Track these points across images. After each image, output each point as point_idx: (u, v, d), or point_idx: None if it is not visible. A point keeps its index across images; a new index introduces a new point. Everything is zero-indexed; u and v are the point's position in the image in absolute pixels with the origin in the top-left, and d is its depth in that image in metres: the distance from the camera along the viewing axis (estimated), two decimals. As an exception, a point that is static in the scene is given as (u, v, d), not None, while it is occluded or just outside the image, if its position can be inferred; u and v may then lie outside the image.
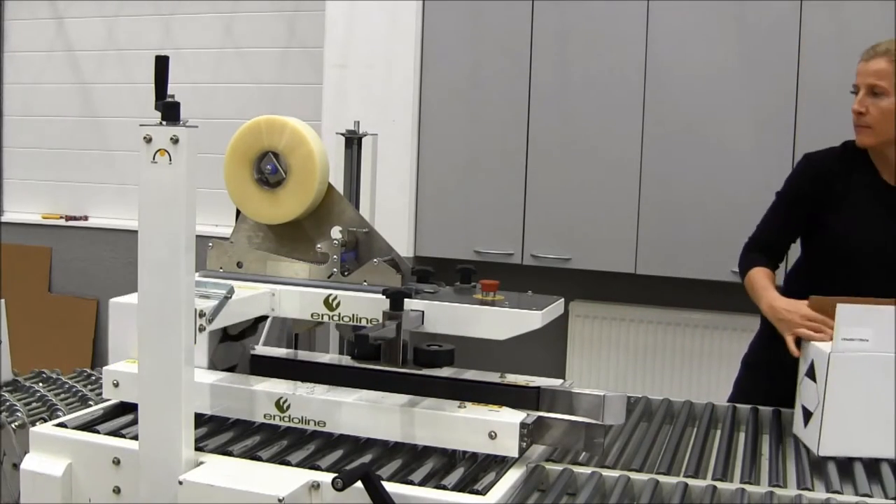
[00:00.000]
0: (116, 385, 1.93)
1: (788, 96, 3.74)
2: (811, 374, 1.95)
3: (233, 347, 2.02)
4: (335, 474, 1.51)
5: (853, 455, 1.86)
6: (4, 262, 5.18)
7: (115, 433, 1.81)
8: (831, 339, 1.93)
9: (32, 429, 1.83)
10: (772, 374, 2.40)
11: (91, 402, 2.17)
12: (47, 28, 5.37)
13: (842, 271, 2.32)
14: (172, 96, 1.62)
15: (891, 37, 3.47)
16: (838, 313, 1.89)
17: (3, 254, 5.22)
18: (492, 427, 1.70)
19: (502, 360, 2.85)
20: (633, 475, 1.73)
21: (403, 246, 4.23)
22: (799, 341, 2.07)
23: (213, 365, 1.96)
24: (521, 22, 4.08)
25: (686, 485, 1.69)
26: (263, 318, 1.96)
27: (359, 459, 1.72)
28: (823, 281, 2.33)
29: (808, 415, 1.95)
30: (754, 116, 3.80)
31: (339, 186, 2.37)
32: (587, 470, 1.75)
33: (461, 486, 1.61)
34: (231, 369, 2.01)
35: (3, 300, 2.40)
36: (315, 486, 1.59)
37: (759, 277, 2.32)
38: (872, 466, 1.86)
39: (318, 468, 1.66)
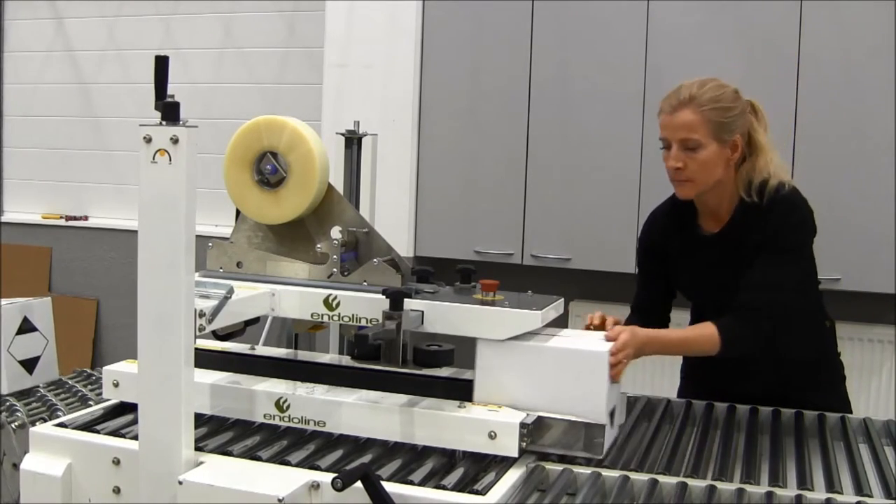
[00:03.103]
0: (116, 385, 1.93)
1: (788, 97, 3.73)
2: None
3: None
4: (335, 474, 1.51)
5: None
6: (4, 262, 5.18)
7: (115, 433, 1.81)
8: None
9: (32, 429, 1.83)
10: (705, 382, 2.39)
11: (91, 402, 2.17)
12: (47, 28, 5.37)
13: (703, 316, 2.27)
14: (172, 96, 1.62)
15: (890, 37, 3.48)
16: None
17: (3, 254, 5.22)
18: (492, 427, 1.70)
19: (502, 360, 2.84)
20: (633, 475, 1.73)
21: (403, 246, 4.23)
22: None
23: None
24: (521, 22, 4.08)
25: (685, 485, 1.69)
26: (254, 321, 1.95)
27: (359, 459, 1.72)
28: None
29: None
30: (754, 116, 3.80)
31: (339, 186, 2.37)
32: (587, 470, 1.75)
33: (461, 486, 1.61)
34: None
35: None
36: (315, 486, 1.59)
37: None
38: (872, 465, 1.86)
39: (318, 468, 1.66)
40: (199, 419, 1.81)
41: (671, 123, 2.16)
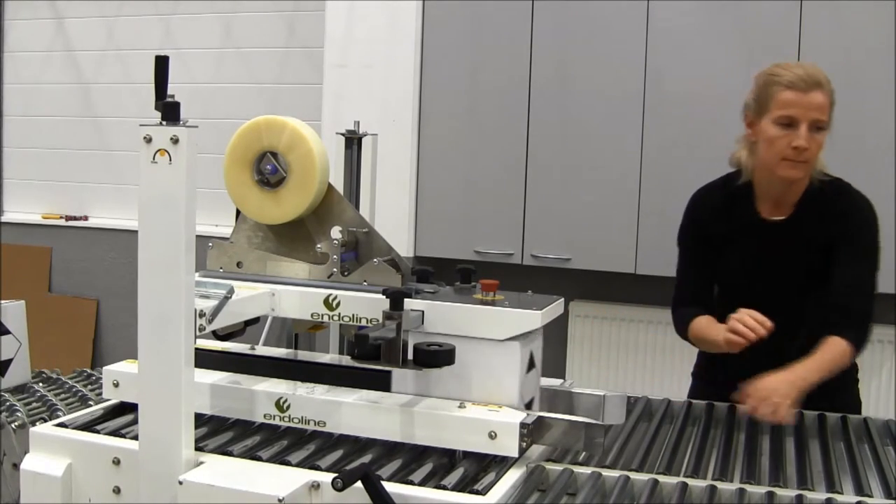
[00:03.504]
0: (116, 385, 1.93)
1: (788, 96, 3.73)
2: None
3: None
4: (335, 474, 1.51)
5: None
6: (4, 262, 5.18)
7: (115, 433, 1.81)
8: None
9: (32, 429, 1.83)
10: (720, 383, 2.38)
11: (91, 402, 2.17)
12: (47, 28, 5.37)
13: (739, 306, 2.19)
14: (172, 96, 1.62)
15: (889, 37, 3.48)
16: None
17: (3, 254, 5.23)
18: (492, 427, 1.70)
19: (502, 360, 2.84)
20: (633, 475, 1.73)
21: (403, 246, 4.23)
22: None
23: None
24: (521, 22, 4.08)
25: (685, 485, 1.69)
26: (254, 321, 1.95)
27: (359, 459, 1.72)
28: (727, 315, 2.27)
29: None
30: (754, 116, 3.80)
31: (339, 186, 2.37)
32: (587, 470, 1.75)
33: (461, 486, 1.61)
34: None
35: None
36: (315, 486, 1.59)
37: (702, 322, 2.25)
38: (872, 465, 1.86)
39: (318, 468, 1.66)
40: (199, 419, 1.80)
41: (805, 102, 2.10)
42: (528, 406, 1.82)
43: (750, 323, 2.00)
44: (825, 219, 2.17)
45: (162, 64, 1.67)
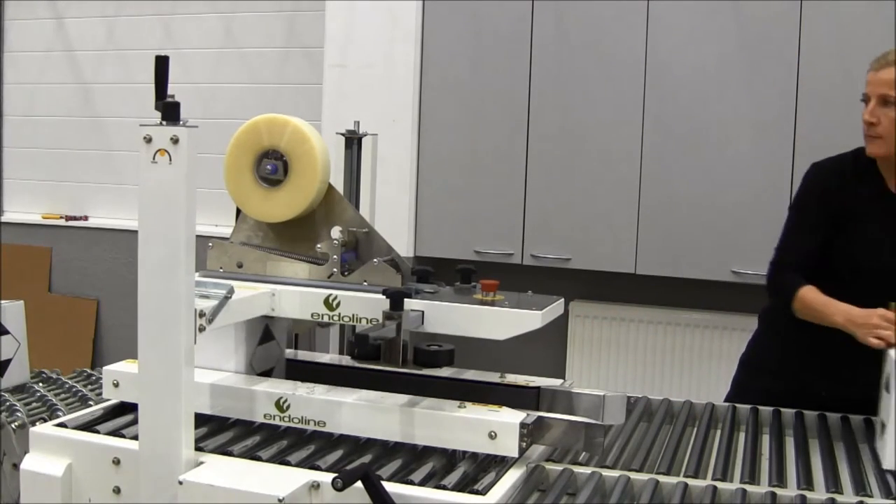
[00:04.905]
0: (116, 385, 1.93)
1: (788, 96, 3.74)
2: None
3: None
4: (335, 474, 1.51)
5: None
6: (4, 262, 5.18)
7: (115, 433, 1.81)
8: None
9: (32, 429, 1.83)
10: (770, 374, 2.40)
11: (91, 402, 2.17)
12: (47, 28, 5.37)
13: (851, 289, 2.24)
14: (172, 96, 1.62)
15: (890, 37, 3.48)
16: None
17: (3, 254, 5.22)
18: (492, 427, 1.70)
19: (502, 360, 2.85)
20: (633, 475, 1.73)
21: (403, 246, 4.23)
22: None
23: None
24: (521, 22, 4.08)
25: (686, 485, 1.69)
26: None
27: (359, 459, 1.72)
28: (841, 296, 2.24)
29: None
30: (754, 116, 3.80)
31: (339, 186, 2.37)
32: (587, 470, 1.75)
33: (461, 486, 1.61)
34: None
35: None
36: (315, 486, 1.59)
37: (816, 295, 2.24)
38: (872, 465, 1.86)
39: (318, 468, 1.66)
40: (199, 419, 1.80)
41: (874, 79, 2.21)
42: (265, 374, 1.94)
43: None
44: None
45: (162, 64, 1.67)
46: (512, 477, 1.66)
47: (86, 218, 5.36)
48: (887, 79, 2.18)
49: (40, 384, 2.44)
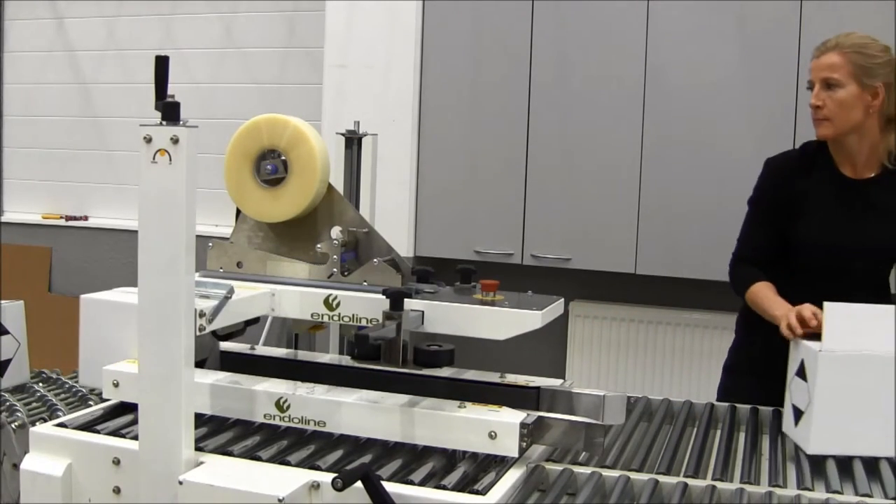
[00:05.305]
0: (116, 385, 1.93)
1: (788, 97, 3.73)
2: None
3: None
4: (335, 474, 1.51)
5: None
6: (4, 262, 5.18)
7: (115, 433, 1.81)
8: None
9: (32, 429, 1.83)
10: (753, 377, 2.41)
11: (91, 402, 2.17)
12: (47, 28, 5.37)
13: (809, 270, 2.35)
14: (172, 96, 1.62)
15: (889, 36, 3.49)
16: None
17: (3, 254, 5.22)
18: (492, 427, 1.70)
19: (502, 360, 2.85)
20: (633, 475, 1.73)
21: (403, 246, 4.23)
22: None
23: None
24: (521, 22, 4.08)
25: (686, 485, 1.69)
26: (254, 321, 1.95)
27: (359, 459, 1.72)
28: (793, 281, 2.36)
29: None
30: (754, 116, 3.80)
31: (339, 186, 2.37)
32: (587, 470, 1.75)
33: (461, 486, 1.61)
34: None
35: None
36: (315, 486, 1.59)
37: (765, 291, 2.33)
38: (871, 465, 1.86)
39: (318, 468, 1.66)
40: (199, 419, 1.80)
41: (816, 65, 2.32)
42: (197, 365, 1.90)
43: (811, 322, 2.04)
44: None
45: (162, 64, 1.67)
46: (512, 477, 1.66)
47: (86, 218, 5.36)
48: (828, 63, 2.28)
49: (40, 384, 2.44)
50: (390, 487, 1.54)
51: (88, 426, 1.84)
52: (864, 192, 2.33)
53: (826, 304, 1.93)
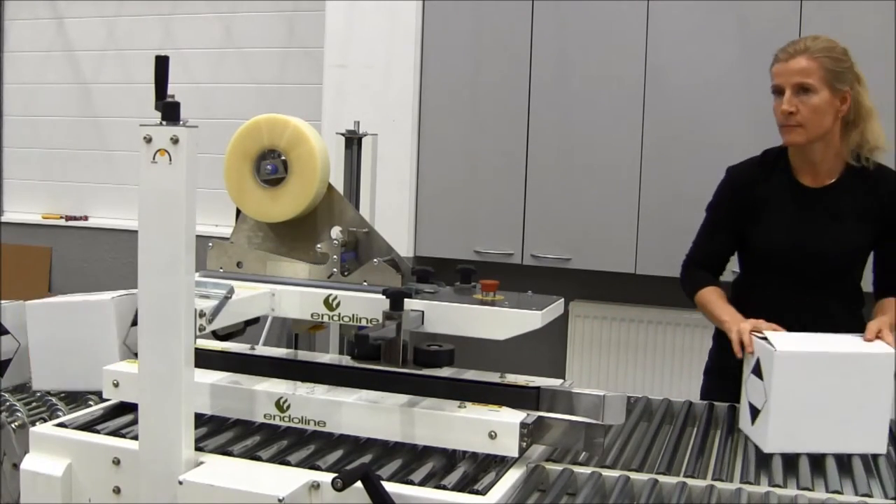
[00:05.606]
0: (116, 385, 1.93)
1: (788, 96, 3.73)
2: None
3: None
4: (335, 474, 1.51)
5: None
6: (4, 262, 5.18)
7: (115, 433, 1.81)
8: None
9: (32, 429, 1.83)
10: (731, 380, 2.40)
11: (91, 402, 2.17)
12: (47, 28, 5.37)
13: (775, 277, 2.35)
14: (172, 96, 1.62)
15: (889, 36, 3.48)
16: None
17: (3, 254, 5.22)
18: (492, 427, 1.70)
19: (502, 360, 2.85)
20: (633, 475, 1.73)
21: (403, 246, 4.23)
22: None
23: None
24: (521, 22, 4.08)
25: (686, 485, 1.69)
26: (254, 321, 1.95)
27: (359, 459, 1.72)
28: (760, 289, 2.38)
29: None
30: (754, 116, 3.79)
31: (339, 186, 2.37)
32: (587, 470, 1.75)
33: (461, 486, 1.61)
34: None
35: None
36: (315, 486, 1.59)
37: (713, 296, 2.36)
38: (868, 463, 1.86)
39: (318, 468, 1.66)
40: (199, 419, 1.80)
41: (786, 69, 2.24)
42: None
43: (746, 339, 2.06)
44: (869, 194, 2.28)
45: (162, 64, 1.67)
46: (512, 477, 1.66)
47: (86, 218, 5.36)
48: (799, 68, 2.22)
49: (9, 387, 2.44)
50: (390, 487, 1.54)
51: (88, 426, 1.84)
52: (824, 200, 2.30)
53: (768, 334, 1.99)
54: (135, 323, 2.22)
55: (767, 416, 1.91)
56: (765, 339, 1.99)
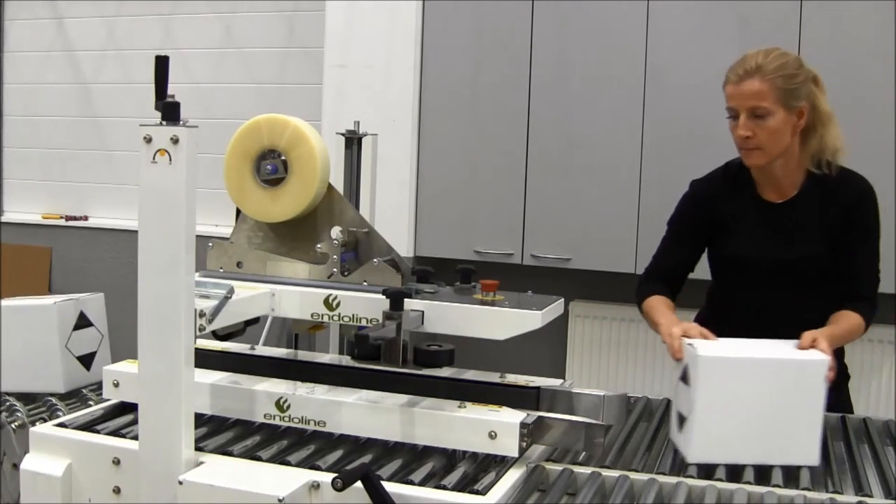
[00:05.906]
0: (116, 385, 1.93)
1: (788, 96, 3.73)
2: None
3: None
4: (335, 474, 1.51)
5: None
6: (4, 262, 5.18)
7: (115, 433, 1.81)
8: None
9: (32, 429, 1.83)
10: None
11: (91, 402, 2.17)
12: (47, 28, 5.37)
13: (748, 286, 2.34)
14: (172, 96, 1.62)
15: (889, 36, 3.47)
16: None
17: (3, 254, 5.22)
18: (492, 427, 1.70)
19: (502, 360, 2.85)
20: (633, 475, 1.73)
21: (403, 246, 4.23)
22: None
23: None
24: (521, 22, 4.08)
25: (685, 485, 1.69)
26: (254, 321, 1.95)
27: (359, 459, 1.72)
28: (733, 297, 2.38)
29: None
30: (754, 116, 3.80)
31: (339, 186, 2.37)
32: (587, 470, 1.75)
33: (461, 486, 1.61)
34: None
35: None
36: (315, 486, 1.59)
37: (657, 304, 2.29)
38: (875, 465, 1.86)
39: (318, 468, 1.66)
40: (199, 419, 1.81)
41: (739, 93, 2.18)
42: (83, 358, 2.21)
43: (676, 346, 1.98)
44: (831, 203, 2.25)
45: (162, 64, 1.67)
46: (512, 477, 1.66)
47: (86, 218, 5.36)
48: (752, 91, 2.15)
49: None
50: (390, 487, 1.54)
51: (88, 426, 1.84)
52: (789, 213, 2.28)
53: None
54: (77, 327, 2.34)
55: (692, 424, 1.78)
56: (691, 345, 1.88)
